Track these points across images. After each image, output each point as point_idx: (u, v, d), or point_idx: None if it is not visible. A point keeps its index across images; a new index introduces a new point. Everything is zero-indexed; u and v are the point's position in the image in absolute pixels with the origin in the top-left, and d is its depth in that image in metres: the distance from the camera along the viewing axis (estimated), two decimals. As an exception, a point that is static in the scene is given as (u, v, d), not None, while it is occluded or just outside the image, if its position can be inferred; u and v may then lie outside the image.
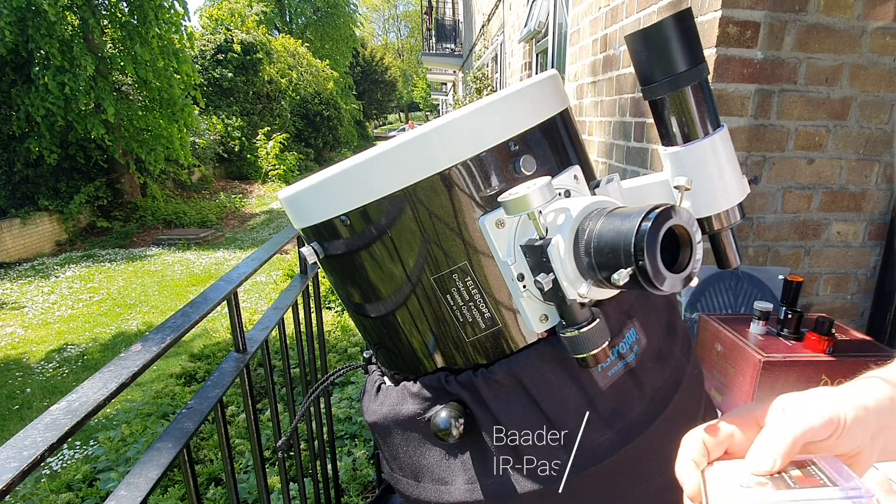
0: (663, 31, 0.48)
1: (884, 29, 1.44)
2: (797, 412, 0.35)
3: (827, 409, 0.34)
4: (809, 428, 0.33)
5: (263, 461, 0.97)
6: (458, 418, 0.47)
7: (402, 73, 42.26)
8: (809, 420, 0.33)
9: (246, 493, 2.07)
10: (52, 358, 4.54)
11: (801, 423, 0.33)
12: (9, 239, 8.16)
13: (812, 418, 0.33)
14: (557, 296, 0.42)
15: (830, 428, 0.33)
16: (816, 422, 0.33)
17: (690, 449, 0.37)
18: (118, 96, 9.28)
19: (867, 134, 1.54)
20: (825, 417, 0.33)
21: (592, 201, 0.43)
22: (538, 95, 0.49)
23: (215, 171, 13.41)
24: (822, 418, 0.33)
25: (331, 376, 0.73)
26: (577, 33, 2.72)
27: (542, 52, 4.35)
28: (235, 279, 0.85)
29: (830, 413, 0.34)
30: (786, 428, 0.33)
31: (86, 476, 2.46)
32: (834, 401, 0.35)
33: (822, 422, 0.33)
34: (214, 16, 16.28)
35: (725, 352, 1.32)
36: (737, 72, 1.44)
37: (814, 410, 0.34)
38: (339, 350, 3.58)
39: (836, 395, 0.36)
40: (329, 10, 24.35)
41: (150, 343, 0.62)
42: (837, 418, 0.34)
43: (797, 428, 0.33)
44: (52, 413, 0.48)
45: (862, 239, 1.64)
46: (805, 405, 0.35)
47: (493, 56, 7.56)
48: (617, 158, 2.19)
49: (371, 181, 0.45)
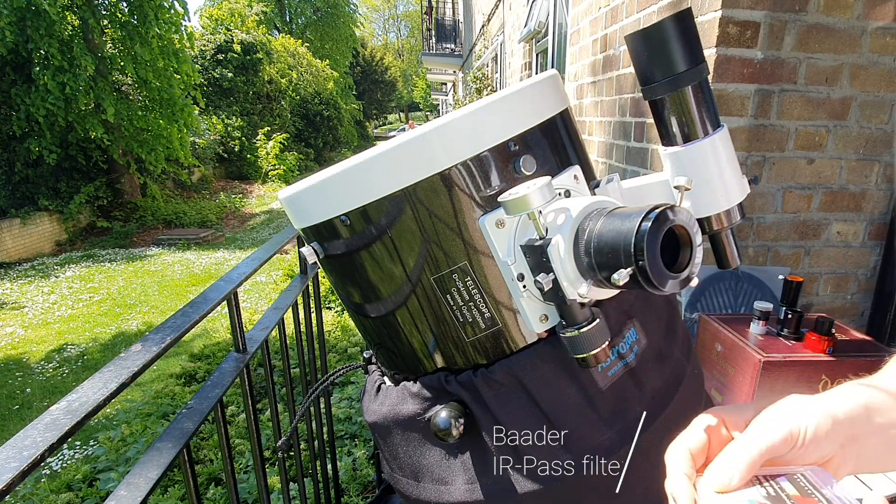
0: (663, 31, 0.48)
1: (884, 29, 1.44)
2: (758, 429, 0.36)
3: (787, 424, 0.35)
4: (769, 446, 0.34)
5: (263, 461, 0.96)
6: (458, 418, 0.47)
7: (402, 73, 42.26)
8: (769, 437, 0.35)
9: (246, 493, 2.07)
10: (52, 358, 4.54)
11: (761, 442, 0.35)
12: (9, 239, 8.16)
13: (771, 435, 0.35)
14: (557, 296, 0.42)
15: (790, 442, 0.35)
16: (776, 438, 0.34)
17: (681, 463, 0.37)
18: (118, 96, 9.28)
19: (867, 134, 1.54)
20: (784, 433, 0.35)
21: (592, 201, 0.43)
22: (538, 95, 0.48)
23: (215, 171, 13.41)
24: (781, 434, 0.35)
25: (331, 376, 0.73)
26: (577, 33, 2.72)
27: (542, 52, 4.35)
28: (235, 279, 0.85)
29: (790, 428, 0.35)
30: (747, 446, 0.35)
31: (86, 476, 2.46)
32: (798, 414, 0.36)
33: (781, 438, 0.34)
34: (214, 16, 16.28)
35: (725, 352, 1.32)
36: (737, 72, 1.44)
37: (773, 427, 0.35)
38: (339, 350, 3.58)
39: (803, 407, 0.36)
40: (329, 10, 24.35)
41: (150, 343, 0.62)
42: (798, 432, 0.35)
43: (757, 446, 0.34)
44: (52, 413, 0.48)
45: (862, 239, 1.64)
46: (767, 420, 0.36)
47: (493, 56, 7.56)
48: (617, 158, 2.19)
49: (371, 181, 0.45)
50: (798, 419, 0.35)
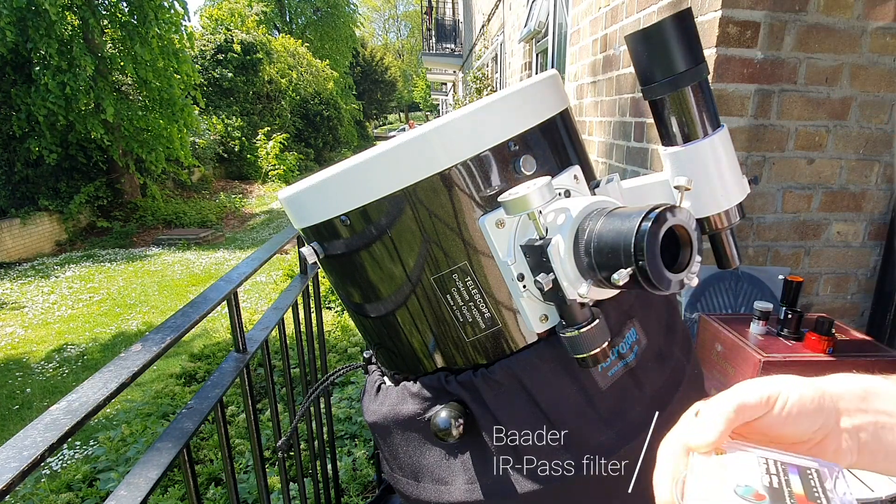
0: (663, 31, 0.48)
1: (884, 29, 1.44)
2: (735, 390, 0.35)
3: (766, 388, 0.34)
4: (742, 404, 0.33)
5: (263, 461, 0.97)
6: (458, 418, 0.47)
7: (402, 73, 42.25)
8: (743, 397, 0.34)
9: (246, 493, 2.07)
10: (52, 358, 4.54)
11: (734, 400, 0.34)
12: (9, 239, 8.16)
13: (746, 395, 0.34)
14: (557, 296, 0.42)
15: (765, 405, 0.34)
16: (751, 399, 0.34)
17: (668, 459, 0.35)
18: (118, 96, 9.28)
19: (867, 134, 1.54)
20: (761, 395, 0.34)
21: (592, 201, 0.43)
22: (538, 95, 0.48)
23: (215, 171, 13.41)
24: (758, 396, 0.34)
25: (331, 376, 0.73)
26: (577, 33, 2.72)
27: (542, 52, 4.35)
28: (235, 279, 0.85)
29: (769, 391, 0.34)
30: (722, 405, 0.34)
31: (86, 476, 2.46)
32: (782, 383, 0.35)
33: (756, 399, 0.34)
34: (214, 16, 16.28)
35: (725, 352, 1.32)
36: (737, 72, 1.44)
37: (751, 389, 0.34)
38: (339, 350, 3.58)
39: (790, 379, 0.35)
40: (329, 10, 24.35)
41: (150, 343, 0.62)
42: (776, 396, 0.34)
43: (730, 404, 0.33)
44: (52, 413, 0.48)
45: (862, 239, 1.64)
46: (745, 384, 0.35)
47: (493, 56, 7.56)
48: (617, 158, 2.19)
49: (371, 181, 0.44)
50: (779, 386, 0.34)
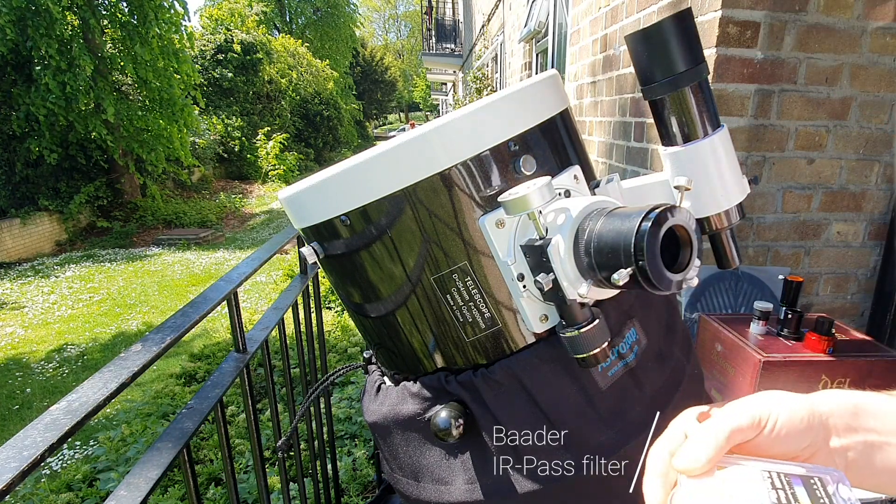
0: (663, 31, 0.48)
1: (884, 29, 1.44)
2: (726, 412, 0.35)
3: (757, 409, 0.34)
4: (734, 430, 0.34)
5: (263, 461, 0.97)
6: (458, 418, 0.47)
7: (402, 73, 42.25)
8: (736, 421, 0.34)
9: (246, 493, 2.07)
10: (52, 358, 4.54)
11: (728, 424, 0.34)
12: (9, 239, 8.16)
13: (738, 419, 0.34)
14: (557, 296, 0.42)
15: (756, 428, 0.34)
16: (742, 422, 0.34)
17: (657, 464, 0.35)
18: (118, 96, 9.28)
19: (867, 134, 1.54)
20: (752, 418, 0.34)
21: (592, 201, 0.43)
22: (538, 95, 0.48)
23: (215, 171, 13.41)
24: (749, 418, 0.34)
25: (331, 376, 0.73)
26: (577, 33, 2.72)
27: (542, 52, 4.35)
28: (235, 279, 0.85)
29: (759, 413, 0.34)
30: (713, 429, 0.34)
31: (86, 476, 2.46)
32: (771, 402, 0.35)
33: (748, 422, 0.34)
34: (214, 16, 16.27)
35: (725, 352, 1.32)
36: (737, 72, 1.44)
37: (742, 411, 0.34)
38: (339, 350, 3.58)
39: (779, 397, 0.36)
40: (329, 10, 24.35)
41: (150, 343, 0.62)
42: (766, 418, 0.34)
43: (724, 429, 0.34)
44: (52, 413, 0.48)
45: (862, 239, 1.64)
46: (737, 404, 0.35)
47: (493, 56, 7.56)
48: (617, 158, 2.19)
49: (371, 181, 0.44)
50: (769, 406, 0.34)
